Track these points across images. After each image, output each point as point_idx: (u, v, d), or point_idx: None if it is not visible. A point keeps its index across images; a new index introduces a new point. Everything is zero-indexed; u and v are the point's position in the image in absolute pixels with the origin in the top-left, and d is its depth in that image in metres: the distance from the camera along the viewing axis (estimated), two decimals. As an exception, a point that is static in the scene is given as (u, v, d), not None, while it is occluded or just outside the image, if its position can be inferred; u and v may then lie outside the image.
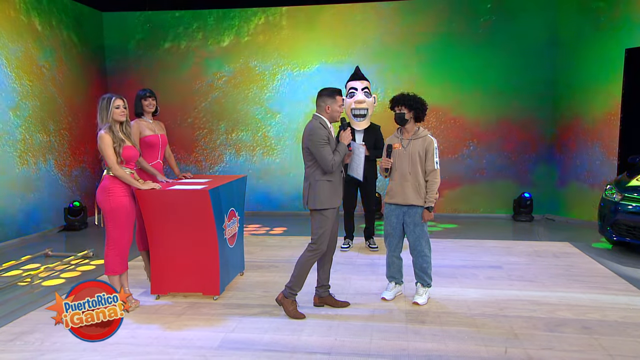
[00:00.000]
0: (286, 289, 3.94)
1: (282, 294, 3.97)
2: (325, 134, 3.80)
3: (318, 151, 3.77)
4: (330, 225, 3.90)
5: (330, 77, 7.82)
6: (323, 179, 3.84)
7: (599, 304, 4.16)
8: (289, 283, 3.94)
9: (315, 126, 3.82)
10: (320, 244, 3.88)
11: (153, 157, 4.54)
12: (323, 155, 3.76)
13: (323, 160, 3.77)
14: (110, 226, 3.92)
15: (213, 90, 8.48)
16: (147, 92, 4.55)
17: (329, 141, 3.82)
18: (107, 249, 3.97)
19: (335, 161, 3.79)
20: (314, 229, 3.89)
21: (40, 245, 6.38)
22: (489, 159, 8.00)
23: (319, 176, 3.85)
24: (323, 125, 3.84)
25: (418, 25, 7.87)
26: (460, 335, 3.56)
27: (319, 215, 3.86)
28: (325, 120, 3.87)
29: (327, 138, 3.80)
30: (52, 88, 7.29)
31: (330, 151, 3.79)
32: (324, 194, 3.84)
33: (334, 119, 3.91)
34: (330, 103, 3.85)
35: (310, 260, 3.90)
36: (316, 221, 3.89)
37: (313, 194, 3.85)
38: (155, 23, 8.42)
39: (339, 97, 3.88)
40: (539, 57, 7.69)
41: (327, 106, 3.85)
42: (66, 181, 7.57)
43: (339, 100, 3.87)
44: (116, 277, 4.01)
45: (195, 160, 8.63)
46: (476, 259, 5.56)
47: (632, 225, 5.54)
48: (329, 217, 3.87)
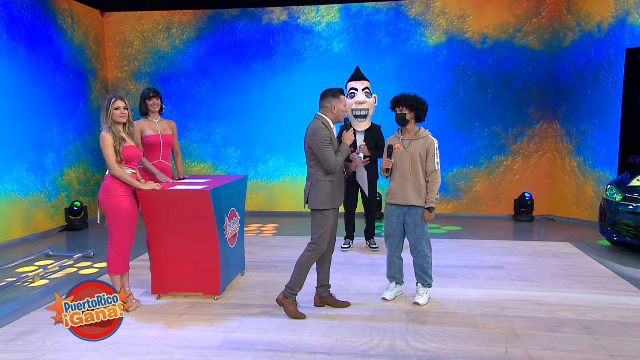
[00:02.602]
0: (286, 290, 3.94)
1: (283, 295, 3.97)
2: (328, 135, 3.79)
3: (321, 152, 3.76)
4: (331, 226, 3.90)
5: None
6: (325, 180, 3.84)
7: (599, 304, 4.16)
8: (289, 283, 3.94)
9: (318, 126, 3.81)
10: (320, 244, 3.87)
11: (154, 157, 4.54)
12: (326, 156, 3.76)
13: (326, 161, 3.76)
14: (112, 226, 3.93)
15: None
16: (151, 91, 4.53)
17: (332, 142, 3.82)
18: (109, 248, 3.98)
19: (338, 162, 3.78)
20: (314, 229, 3.89)
21: (41, 245, 6.38)
22: (489, 159, 8.00)
23: (322, 176, 3.84)
24: (326, 125, 3.83)
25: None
26: (461, 336, 3.56)
27: (320, 215, 3.86)
28: (328, 120, 3.86)
29: (329, 139, 3.79)
30: (53, 88, 7.30)
31: (332, 152, 3.79)
32: (326, 194, 3.83)
33: (339, 119, 3.90)
34: (335, 103, 3.84)
35: (310, 261, 3.90)
36: (317, 221, 3.88)
37: (315, 194, 3.84)
38: (156, 23, 8.43)
39: (343, 96, 3.88)
40: (538, 56, 7.70)
41: (333, 107, 3.84)
42: (67, 181, 7.57)
43: (344, 100, 3.88)
44: (117, 277, 4.01)
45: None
46: (477, 259, 5.56)
47: (632, 225, 5.54)
48: (330, 217, 3.87)
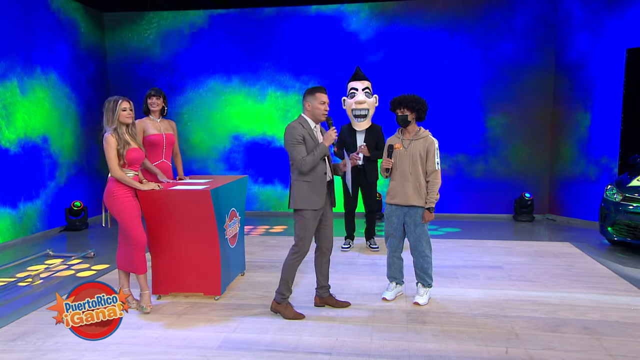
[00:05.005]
0: (277, 295, 3.92)
1: (275, 301, 3.94)
2: (300, 133, 3.70)
3: (289, 150, 3.72)
4: (311, 228, 3.81)
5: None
6: (300, 179, 3.77)
7: (599, 304, 4.16)
8: (278, 288, 3.92)
9: (292, 125, 3.76)
10: (302, 247, 3.81)
11: (157, 157, 4.55)
12: (293, 154, 3.70)
13: (293, 159, 3.71)
14: (127, 228, 3.91)
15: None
16: (152, 91, 4.57)
17: (305, 140, 3.72)
18: (133, 251, 3.95)
19: (306, 161, 3.67)
20: (295, 231, 3.84)
21: (41, 246, 6.39)
22: (488, 159, 8.01)
23: (296, 176, 3.78)
24: (302, 124, 3.76)
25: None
26: (461, 336, 3.56)
27: (298, 216, 3.80)
28: (306, 119, 3.80)
29: (301, 137, 3.70)
30: (53, 88, 7.30)
31: (302, 150, 3.69)
32: (300, 194, 3.76)
33: (316, 117, 3.79)
34: (310, 101, 3.76)
35: (294, 263, 3.85)
36: (296, 222, 3.83)
37: (291, 193, 3.81)
38: (156, 23, 8.43)
39: (320, 94, 3.76)
40: (538, 56, 7.70)
41: (308, 104, 3.77)
42: (67, 181, 7.57)
43: (320, 97, 3.74)
44: (142, 275, 4.02)
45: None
46: (477, 259, 5.56)
47: (632, 225, 5.55)
48: (308, 218, 3.78)
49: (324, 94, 3.79)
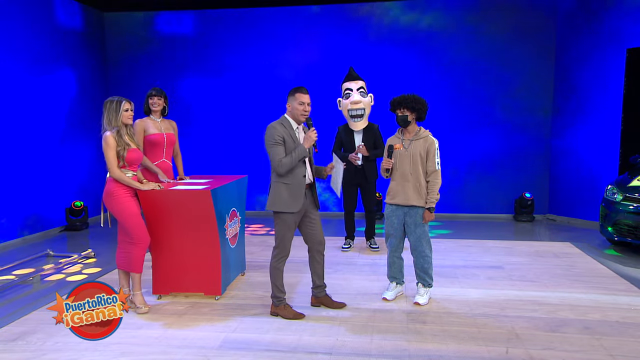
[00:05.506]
0: (272, 299, 3.93)
1: (273, 305, 3.95)
2: (279, 133, 3.65)
3: (268, 150, 3.69)
4: (289, 230, 3.77)
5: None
6: (278, 181, 3.72)
7: (600, 304, 4.16)
8: (271, 293, 3.93)
9: (272, 125, 3.72)
10: (282, 248, 3.80)
11: (157, 156, 4.55)
12: (271, 155, 3.67)
13: (271, 160, 3.68)
14: (129, 228, 3.92)
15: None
16: (154, 91, 4.59)
17: (284, 141, 3.68)
18: (135, 249, 3.95)
19: (282, 163, 3.62)
20: (275, 232, 3.83)
21: (41, 246, 6.39)
22: (489, 159, 8.01)
23: (275, 177, 3.75)
24: (283, 124, 3.72)
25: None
26: (461, 336, 3.56)
27: (276, 218, 3.79)
28: (287, 119, 3.75)
29: (281, 138, 3.65)
30: (53, 88, 7.30)
31: (280, 151, 3.64)
32: (278, 196, 3.71)
33: (297, 118, 3.72)
34: (290, 101, 3.72)
35: (277, 265, 3.84)
36: (275, 224, 3.82)
37: (270, 195, 3.77)
38: (156, 23, 8.44)
39: (300, 94, 3.68)
40: (538, 56, 7.70)
41: (288, 104, 3.74)
42: (67, 181, 7.57)
43: (299, 97, 3.67)
44: (138, 275, 4.02)
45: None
46: (477, 259, 5.56)
47: (633, 225, 5.54)
48: (286, 221, 3.74)
49: (304, 94, 3.70)
